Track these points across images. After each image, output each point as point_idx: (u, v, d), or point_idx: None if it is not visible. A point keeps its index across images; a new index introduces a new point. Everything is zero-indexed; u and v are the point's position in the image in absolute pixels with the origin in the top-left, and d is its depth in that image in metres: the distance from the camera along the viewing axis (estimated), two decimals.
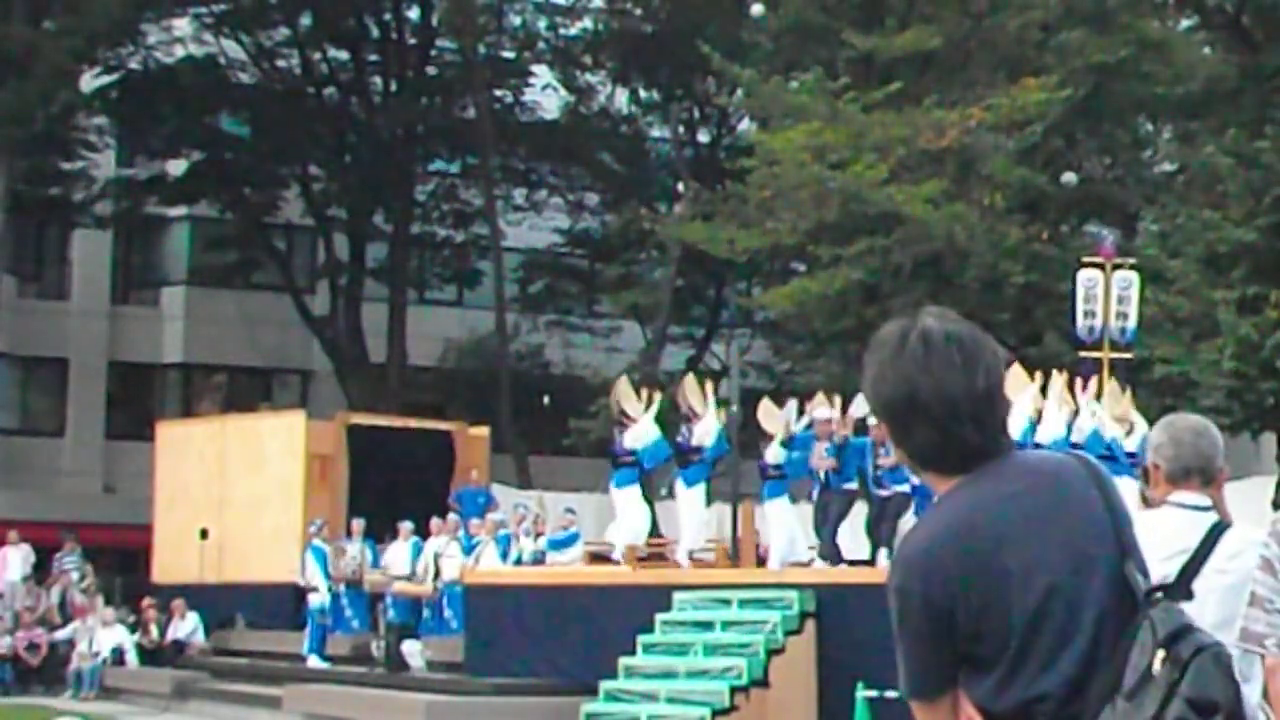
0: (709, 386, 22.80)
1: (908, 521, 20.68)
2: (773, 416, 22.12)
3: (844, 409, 21.92)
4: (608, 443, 35.19)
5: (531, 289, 44.65)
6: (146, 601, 29.92)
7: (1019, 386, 20.79)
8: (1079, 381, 22.35)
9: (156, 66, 39.95)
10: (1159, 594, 3.15)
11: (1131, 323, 25.41)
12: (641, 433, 21.98)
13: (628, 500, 22.15)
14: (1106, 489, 3.23)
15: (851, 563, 21.05)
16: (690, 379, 23.26)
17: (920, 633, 3.13)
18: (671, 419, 22.70)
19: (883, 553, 20.28)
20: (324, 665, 25.56)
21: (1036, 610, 3.09)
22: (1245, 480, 22.85)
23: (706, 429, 21.81)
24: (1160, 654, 3.04)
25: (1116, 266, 25.61)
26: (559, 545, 24.48)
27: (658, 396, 22.48)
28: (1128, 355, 25.70)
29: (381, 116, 41.30)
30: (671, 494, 23.14)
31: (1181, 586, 4.40)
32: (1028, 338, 34.14)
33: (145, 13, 37.85)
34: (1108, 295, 25.20)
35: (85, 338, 41.39)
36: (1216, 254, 27.18)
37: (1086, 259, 26.18)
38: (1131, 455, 20.16)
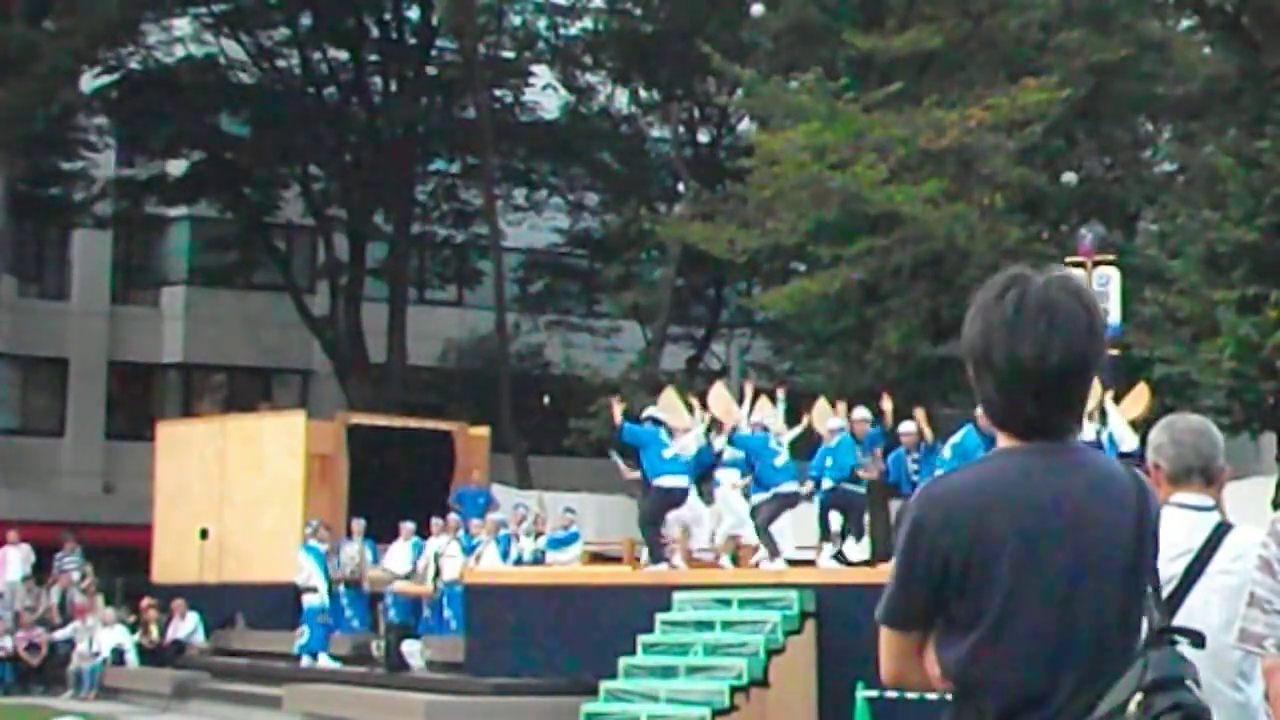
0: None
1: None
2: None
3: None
4: (610, 444, 35.32)
5: (531, 289, 44.65)
6: (146, 601, 29.91)
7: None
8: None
9: (156, 66, 39.96)
10: (1171, 636, 3.14)
11: (1114, 319, 25.30)
12: (684, 445, 21.93)
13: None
14: (1146, 514, 3.22)
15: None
16: (718, 387, 23.28)
17: (914, 566, 3.16)
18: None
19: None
20: (334, 664, 25.56)
21: (1022, 601, 3.10)
22: (1245, 480, 22.83)
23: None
24: (1138, 696, 3.02)
25: (1097, 264, 25.55)
26: (559, 545, 24.49)
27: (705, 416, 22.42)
28: (1114, 352, 25.63)
29: (381, 116, 41.29)
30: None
31: (1185, 589, 4.40)
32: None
33: (145, 13, 37.85)
34: None
35: (85, 338, 41.38)
36: (1216, 254, 27.15)
37: (1068, 259, 26.16)
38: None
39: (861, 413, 21.73)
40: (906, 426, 21.64)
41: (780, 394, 23.16)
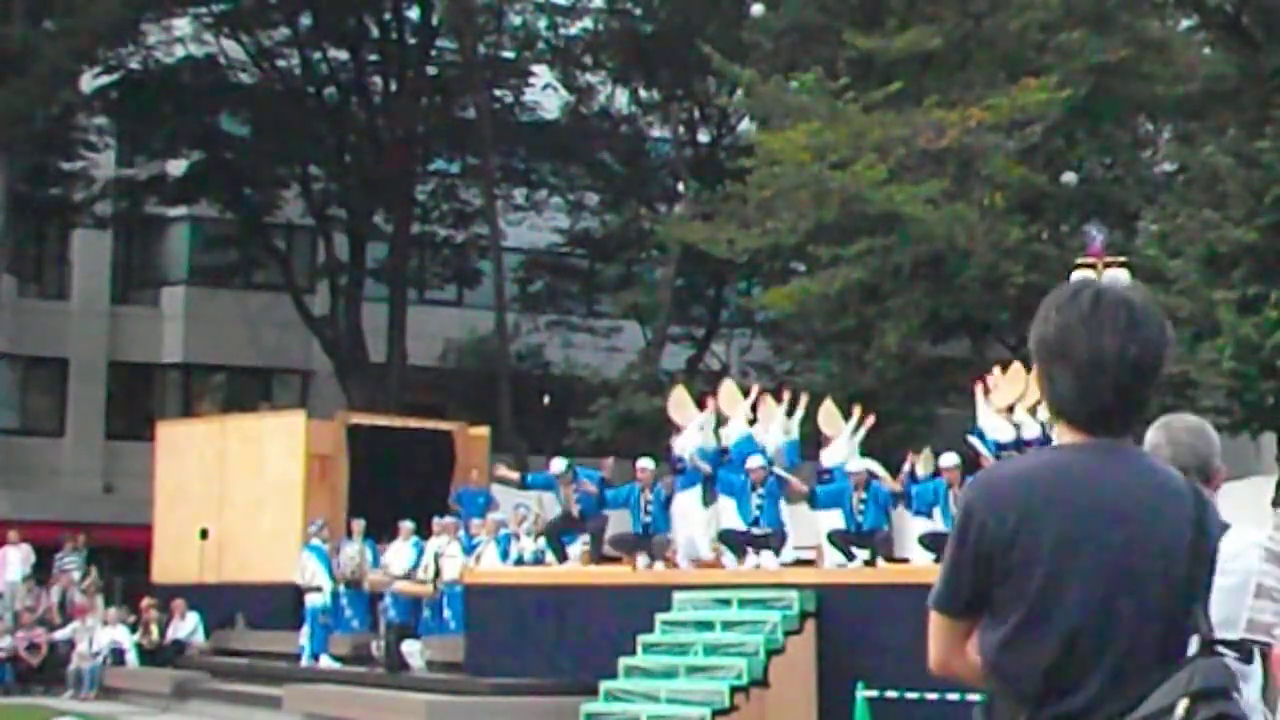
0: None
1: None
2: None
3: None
4: (609, 444, 35.37)
5: (531, 289, 44.67)
6: (146, 601, 29.91)
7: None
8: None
9: (156, 66, 39.98)
10: (1220, 648, 3.21)
11: None
12: (689, 440, 21.89)
13: (686, 505, 21.94)
14: (1205, 528, 3.28)
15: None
16: (727, 384, 23.31)
17: (965, 551, 3.25)
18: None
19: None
20: (335, 665, 25.57)
21: (1059, 593, 3.17)
22: (1245, 480, 22.80)
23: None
24: (1184, 703, 3.09)
25: (1108, 265, 25.54)
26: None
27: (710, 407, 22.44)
28: None
29: (381, 116, 41.30)
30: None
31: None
32: (1028, 338, 34.07)
33: (145, 13, 37.85)
34: None
35: (85, 338, 41.39)
36: (1216, 254, 27.14)
37: (1079, 260, 26.16)
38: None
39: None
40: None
41: (785, 395, 23.06)
